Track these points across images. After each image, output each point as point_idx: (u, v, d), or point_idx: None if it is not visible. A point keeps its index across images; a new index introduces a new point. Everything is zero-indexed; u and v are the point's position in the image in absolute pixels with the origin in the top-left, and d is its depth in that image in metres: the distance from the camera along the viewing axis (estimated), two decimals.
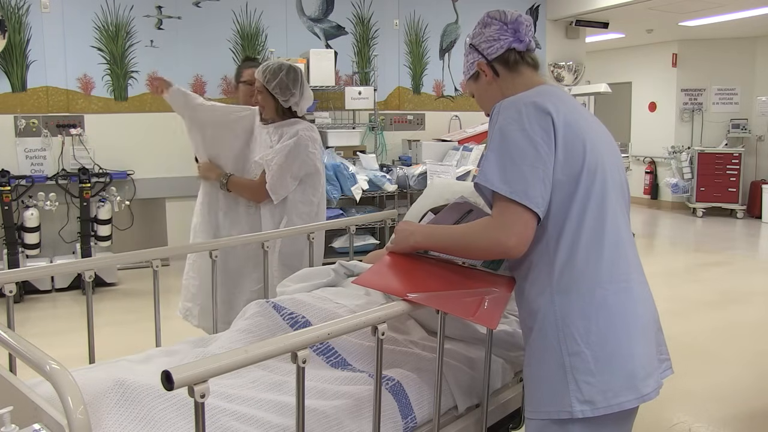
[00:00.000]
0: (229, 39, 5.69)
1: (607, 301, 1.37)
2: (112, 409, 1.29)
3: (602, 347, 1.35)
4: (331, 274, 2.16)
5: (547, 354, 1.40)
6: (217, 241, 2.16)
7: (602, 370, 1.34)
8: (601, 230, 1.39)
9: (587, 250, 1.37)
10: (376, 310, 1.35)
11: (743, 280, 5.66)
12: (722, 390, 3.28)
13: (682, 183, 8.98)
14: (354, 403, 1.49)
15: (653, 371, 1.40)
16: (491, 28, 1.54)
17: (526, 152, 1.34)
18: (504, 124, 1.39)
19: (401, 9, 6.50)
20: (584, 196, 1.37)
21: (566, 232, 1.38)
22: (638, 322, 1.39)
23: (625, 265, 1.42)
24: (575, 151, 1.37)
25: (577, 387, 1.34)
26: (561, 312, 1.37)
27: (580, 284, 1.37)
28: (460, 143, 5.99)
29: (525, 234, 1.35)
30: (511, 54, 1.54)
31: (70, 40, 5.15)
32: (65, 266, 2.11)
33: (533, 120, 1.36)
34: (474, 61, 1.57)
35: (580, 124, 1.41)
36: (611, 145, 1.50)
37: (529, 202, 1.33)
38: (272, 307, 1.79)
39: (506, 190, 1.34)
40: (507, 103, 1.42)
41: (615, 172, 1.46)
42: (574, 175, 1.37)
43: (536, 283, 1.42)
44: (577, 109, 1.47)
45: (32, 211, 4.83)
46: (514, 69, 1.54)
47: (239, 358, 1.10)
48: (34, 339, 1.21)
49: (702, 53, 9.10)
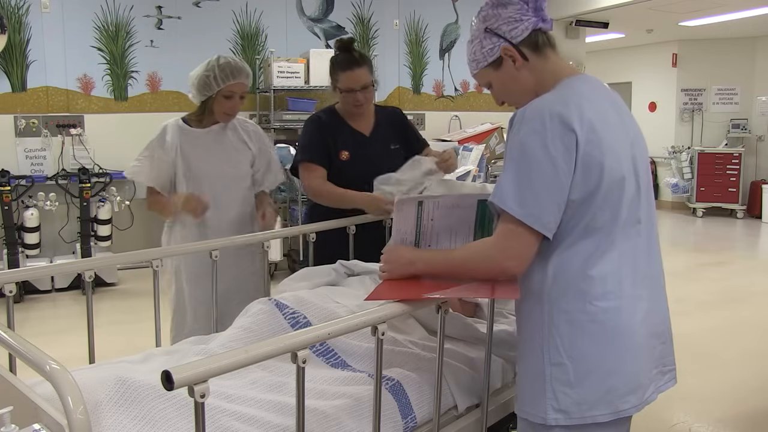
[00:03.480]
0: (229, 39, 5.70)
1: (597, 316, 1.33)
2: (112, 408, 1.29)
3: (583, 362, 1.33)
4: (331, 273, 2.16)
5: (532, 358, 1.39)
6: (217, 241, 2.16)
7: (581, 384, 1.33)
8: (606, 246, 1.34)
9: (584, 263, 1.33)
10: (376, 310, 1.34)
11: (743, 280, 5.65)
12: (722, 390, 3.27)
13: (682, 183, 8.98)
14: (354, 403, 1.49)
15: (638, 387, 1.37)
16: (510, 8, 1.40)
17: (545, 173, 1.28)
18: (526, 137, 1.30)
19: (401, 9, 6.50)
20: (593, 215, 1.32)
21: (566, 244, 1.34)
22: (631, 339, 1.35)
23: (629, 280, 1.36)
24: (592, 174, 1.30)
25: (554, 396, 1.34)
26: (549, 321, 1.35)
27: (572, 297, 1.34)
28: (460, 143, 5.99)
29: (527, 255, 1.32)
30: (538, 36, 1.41)
31: (70, 40, 5.15)
32: (65, 266, 2.12)
33: (557, 136, 1.28)
34: (496, 45, 1.42)
35: (604, 135, 1.32)
36: (637, 148, 1.41)
37: (542, 228, 1.29)
38: (275, 305, 1.79)
39: (520, 213, 1.29)
40: (531, 112, 1.32)
41: (637, 181, 1.38)
42: (587, 196, 1.31)
43: (530, 289, 1.40)
44: (603, 110, 1.37)
45: (32, 211, 4.83)
46: (542, 53, 1.42)
47: (239, 358, 1.10)
48: (34, 339, 1.21)
49: (702, 53, 9.10)
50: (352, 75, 2.44)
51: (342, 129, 2.56)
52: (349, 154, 2.52)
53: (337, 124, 2.56)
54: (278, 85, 5.43)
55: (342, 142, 2.52)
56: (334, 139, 2.52)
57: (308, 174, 2.52)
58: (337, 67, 2.47)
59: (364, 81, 2.46)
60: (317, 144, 2.52)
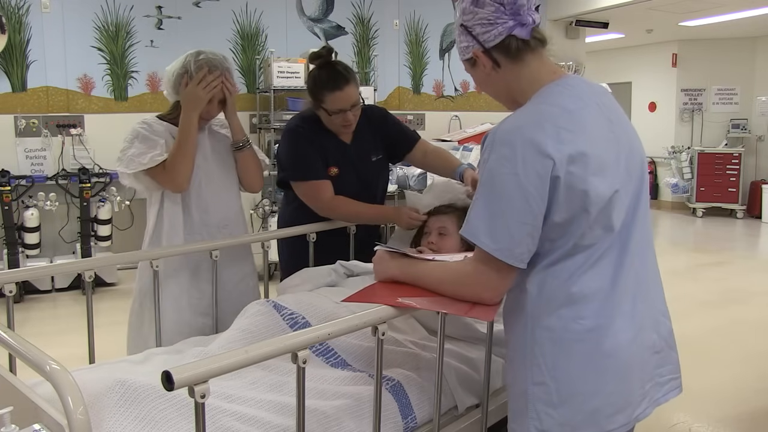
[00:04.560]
0: (229, 39, 5.69)
1: (582, 335, 1.27)
2: (112, 408, 1.29)
3: (567, 383, 1.28)
4: (331, 274, 2.16)
5: (516, 375, 1.35)
6: (216, 242, 2.16)
7: (564, 404, 1.28)
8: (594, 261, 1.27)
9: (568, 280, 1.27)
10: (376, 311, 1.34)
11: (743, 280, 5.65)
12: (722, 390, 3.27)
13: (682, 183, 8.98)
14: (354, 403, 1.49)
15: (627, 406, 1.31)
16: (486, 9, 1.29)
17: (515, 205, 1.21)
18: (495, 165, 1.23)
19: (401, 9, 6.50)
20: (582, 234, 1.25)
21: (550, 261, 1.28)
22: (618, 358, 1.29)
23: (618, 296, 1.29)
24: (576, 197, 1.22)
25: (537, 416, 1.30)
26: (532, 339, 1.30)
27: (555, 314, 1.28)
28: (460, 143, 5.99)
29: (504, 287, 1.30)
30: (512, 41, 1.30)
31: (70, 40, 5.15)
32: (65, 266, 2.12)
33: (529, 164, 1.19)
34: (468, 46, 1.35)
35: (591, 150, 1.23)
36: (631, 154, 1.32)
37: (513, 261, 1.24)
38: (273, 306, 1.79)
39: (491, 248, 1.23)
40: (502, 136, 1.24)
41: (631, 191, 1.31)
42: (573, 217, 1.23)
43: (514, 304, 1.36)
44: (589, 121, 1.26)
45: (32, 211, 4.83)
46: (517, 58, 1.32)
47: (239, 359, 1.10)
48: (34, 339, 1.21)
49: (702, 53, 9.10)
50: (341, 96, 2.21)
51: (328, 141, 2.36)
52: (337, 170, 2.36)
53: (322, 136, 2.35)
54: (278, 85, 5.43)
55: (331, 157, 2.35)
56: (324, 153, 2.35)
57: (317, 192, 2.33)
58: (322, 86, 2.22)
59: (354, 98, 2.25)
60: (314, 159, 2.32)
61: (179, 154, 2.08)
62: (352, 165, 2.41)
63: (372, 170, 2.47)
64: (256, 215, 5.28)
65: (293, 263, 2.38)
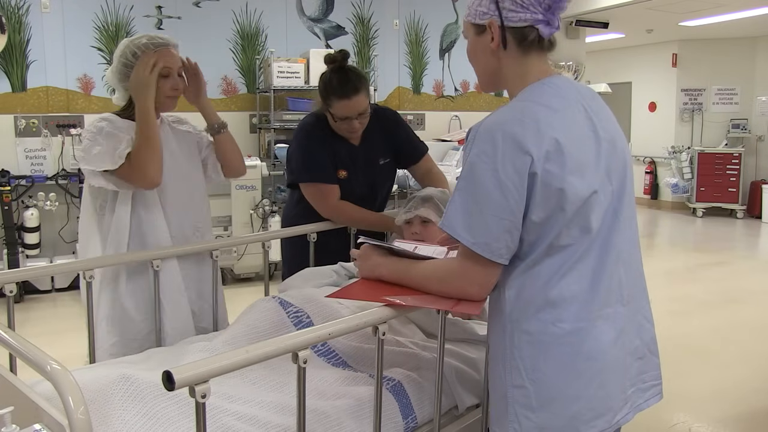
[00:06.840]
0: (229, 39, 5.69)
1: (562, 339, 1.26)
2: (117, 404, 1.30)
3: (545, 386, 1.27)
4: (333, 275, 2.17)
5: (496, 377, 1.35)
6: (216, 241, 2.16)
7: (543, 408, 1.27)
8: (572, 264, 1.26)
9: (547, 283, 1.26)
10: (377, 311, 1.34)
11: (743, 280, 5.65)
12: (722, 390, 3.27)
13: (682, 183, 8.98)
14: (355, 403, 1.49)
15: (607, 411, 1.30)
16: None
17: (492, 199, 1.21)
18: (476, 159, 1.23)
19: (401, 9, 6.50)
20: (558, 233, 1.24)
21: (528, 263, 1.27)
22: (598, 362, 1.28)
23: (599, 299, 1.28)
24: (552, 195, 1.22)
25: (516, 419, 1.29)
26: (511, 342, 1.29)
27: (534, 318, 1.27)
28: (460, 143, 5.99)
29: (489, 282, 1.29)
30: (531, 33, 1.29)
31: (70, 40, 5.15)
32: (65, 266, 2.11)
33: (508, 160, 1.20)
34: (487, 13, 1.31)
35: (570, 149, 1.23)
36: (613, 155, 1.31)
37: (491, 255, 1.23)
38: (279, 303, 1.80)
39: (469, 241, 1.24)
40: (484, 131, 1.24)
41: (611, 192, 1.30)
42: (549, 216, 1.23)
43: (494, 306, 1.36)
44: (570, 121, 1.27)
45: (32, 211, 4.83)
46: (526, 50, 1.31)
47: (240, 359, 1.11)
48: (34, 339, 1.21)
49: (702, 53, 9.10)
50: (349, 104, 2.20)
51: (337, 143, 2.35)
52: (346, 173, 2.36)
53: (334, 138, 2.35)
54: (278, 85, 5.43)
55: (340, 160, 2.35)
56: (334, 156, 2.34)
57: (325, 196, 2.34)
58: (331, 92, 2.21)
59: (362, 108, 2.23)
60: (325, 162, 2.32)
61: (144, 146, 1.87)
62: (361, 168, 2.41)
63: (379, 173, 2.47)
64: (256, 215, 5.27)
65: (296, 263, 2.38)
